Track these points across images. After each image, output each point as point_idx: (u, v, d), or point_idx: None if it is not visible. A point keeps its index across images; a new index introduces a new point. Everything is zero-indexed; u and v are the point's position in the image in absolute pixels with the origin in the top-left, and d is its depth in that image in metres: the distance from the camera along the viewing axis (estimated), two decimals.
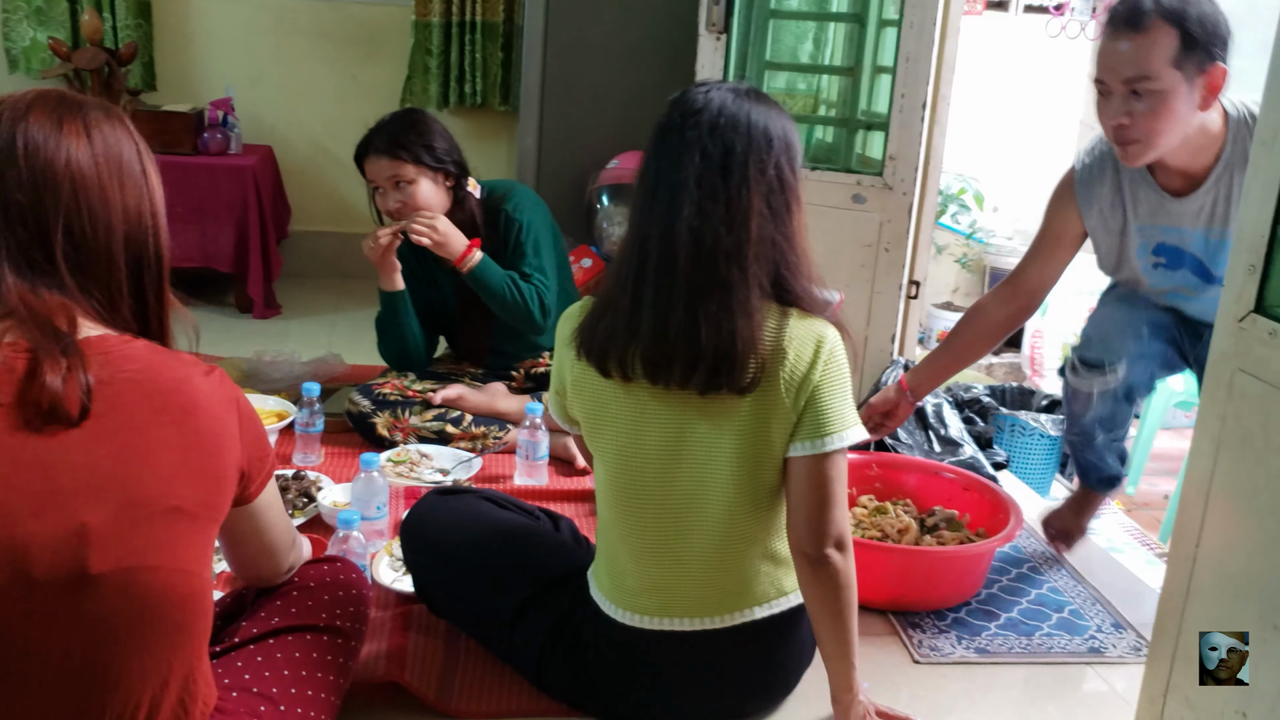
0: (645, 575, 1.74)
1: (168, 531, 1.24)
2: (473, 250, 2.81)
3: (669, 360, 1.61)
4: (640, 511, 1.73)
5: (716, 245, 1.59)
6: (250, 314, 4.23)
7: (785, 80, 3.49)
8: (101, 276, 1.27)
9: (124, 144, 1.29)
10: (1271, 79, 1.53)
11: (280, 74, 4.73)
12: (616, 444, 1.72)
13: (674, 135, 1.63)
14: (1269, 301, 1.55)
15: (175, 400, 1.26)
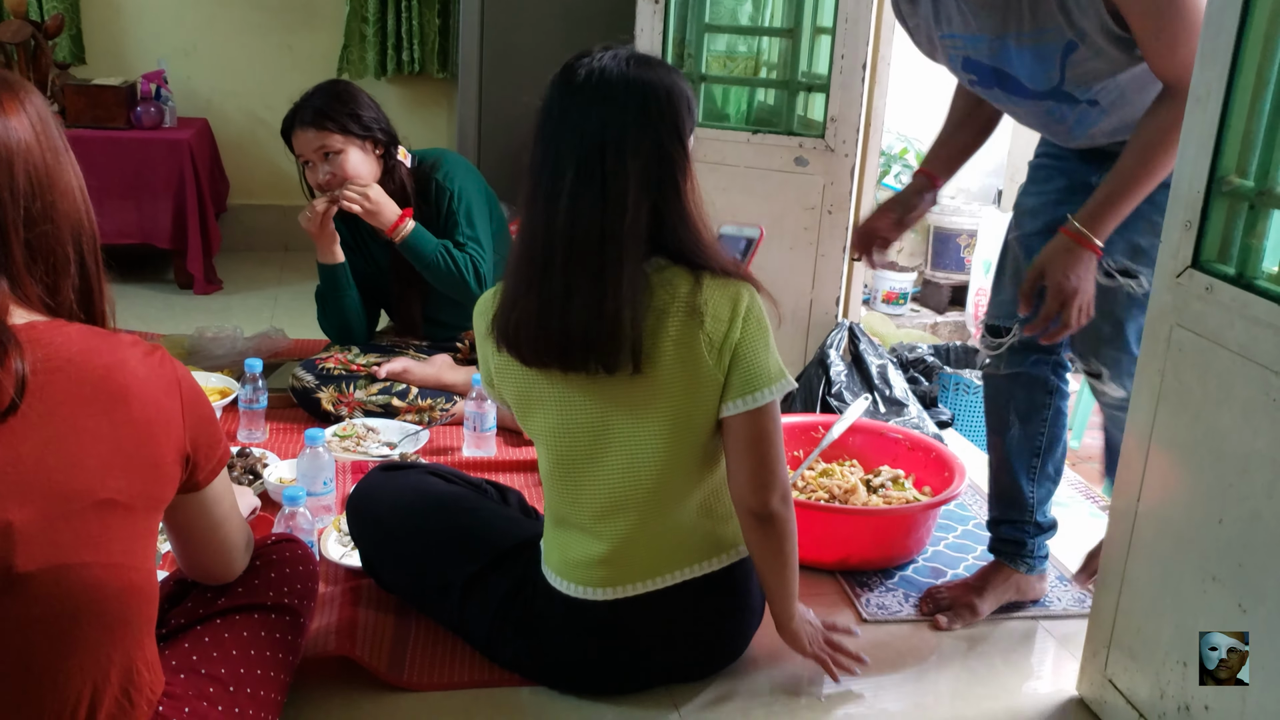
0: (589, 548, 1.75)
1: (100, 526, 1.20)
2: (405, 220, 2.78)
3: (559, 348, 1.63)
4: (578, 488, 1.74)
5: (590, 231, 1.59)
6: (191, 290, 4.16)
7: (725, 42, 3.47)
8: (49, 256, 1.23)
9: (50, 121, 1.25)
10: (1206, 35, 1.55)
11: (214, 45, 4.63)
12: (547, 425, 1.73)
13: (554, 117, 1.61)
14: (1205, 257, 1.58)
15: (106, 388, 1.21)
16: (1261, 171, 1.49)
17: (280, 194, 4.67)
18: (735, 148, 3.12)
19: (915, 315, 4.65)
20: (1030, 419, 2.11)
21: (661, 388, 1.66)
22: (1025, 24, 1.75)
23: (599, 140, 1.58)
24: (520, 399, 1.75)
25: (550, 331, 1.62)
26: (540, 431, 1.75)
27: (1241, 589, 1.49)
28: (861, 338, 3.10)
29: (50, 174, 1.22)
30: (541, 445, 1.77)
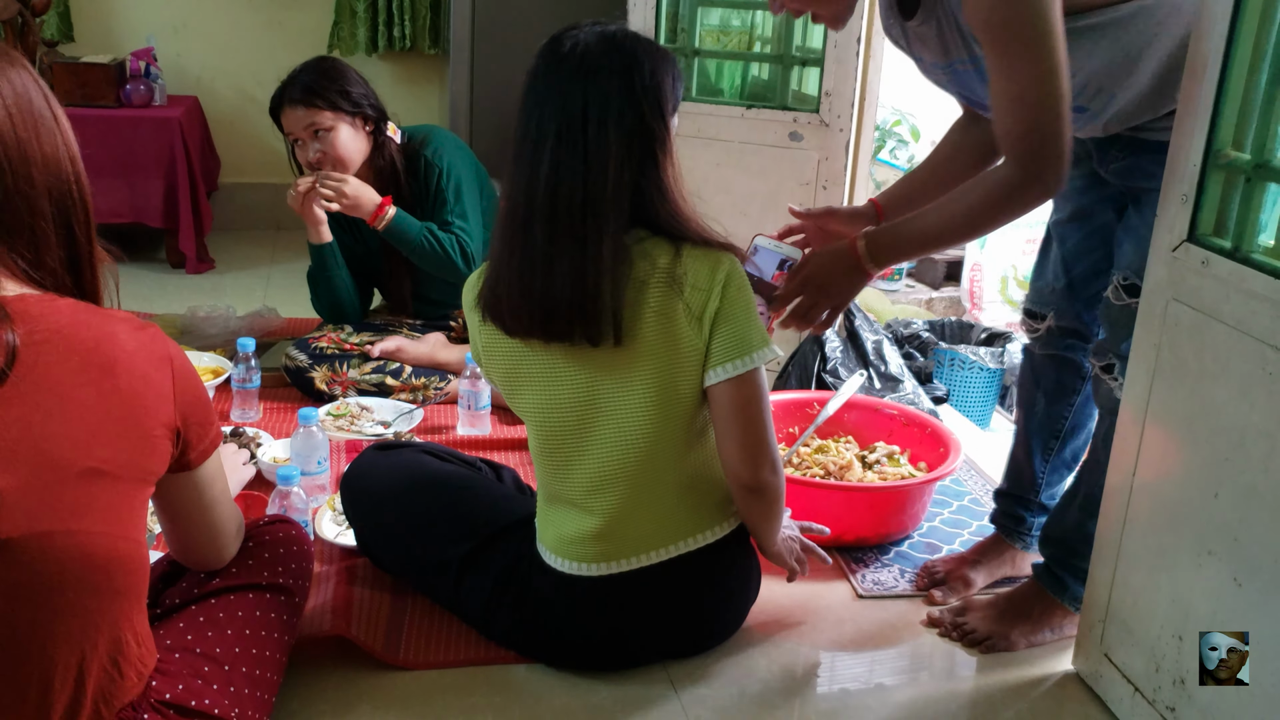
0: (582, 524, 1.75)
1: (86, 494, 1.21)
2: (385, 208, 2.76)
3: (541, 317, 1.63)
4: (568, 464, 1.74)
5: (572, 198, 1.59)
6: (183, 269, 4.14)
7: (719, 17, 3.44)
8: (25, 229, 1.22)
9: (32, 91, 1.24)
10: (1202, 7, 1.53)
11: (204, 22, 4.59)
12: (534, 402, 1.73)
13: (539, 86, 1.63)
14: (1201, 231, 1.57)
15: (95, 359, 1.21)
16: (1258, 145, 1.48)
17: (272, 172, 4.64)
18: (729, 123, 3.10)
19: (910, 291, 4.64)
20: (1057, 400, 2.10)
21: (645, 358, 1.66)
22: (957, 51, 1.73)
23: (581, 110, 1.58)
24: (507, 375, 1.75)
25: (532, 299, 1.62)
26: (528, 408, 1.75)
27: (1237, 563, 1.49)
28: (857, 314, 3.09)
29: (24, 146, 1.20)
30: (530, 422, 1.77)
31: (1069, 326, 2.05)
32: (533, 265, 1.62)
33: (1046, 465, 2.13)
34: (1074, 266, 2.01)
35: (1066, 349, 2.07)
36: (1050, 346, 2.09)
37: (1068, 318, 2.05)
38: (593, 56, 1.60)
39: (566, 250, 1.60)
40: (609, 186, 1.59)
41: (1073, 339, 2.05)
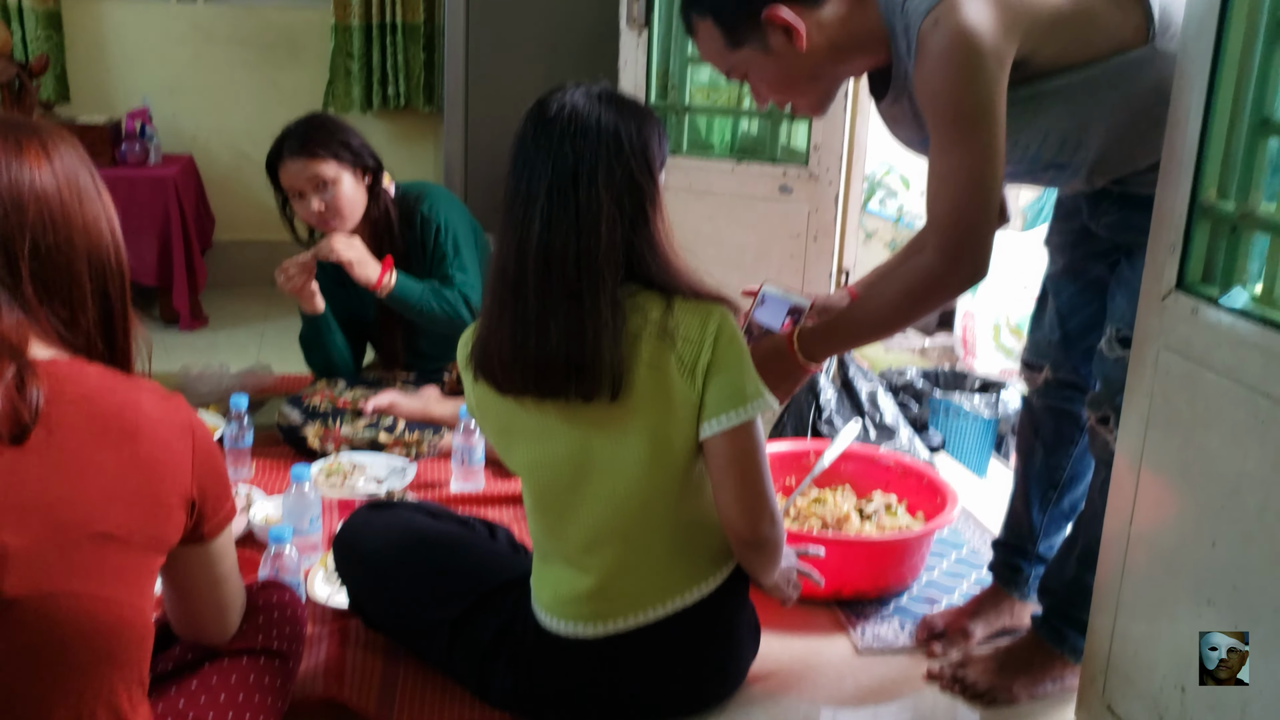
0: (576, 583, 1.73)
1: (95, 557, 1.21)
2: (387, 274, 2.76)
3: (535, 374, 1.63)
4: (562, 521, 1.74)
5: (565, 254, 1.60)
6: (177, 326, 4.15)
7: (709, 74, 3.48)
8: (65, 291, 1.27)
9: (80, 165, 1.31)
10: (1182, 60, 1.55)
11: (199, 82, 4.64)
12: (528, 458, 1.73)
13: (528, 148, 1.64)
14: (1189, 279, 1.57)
15: (117, 423, 1.23)
16: (1242, 194, 1.49)
17: (266, 229, 4.65)
18: (720, 177, 3.13)
19: (903, 339, 4.64)
20: (1055, 450, 2.10)
21: (638, 413, 1.65)
22: (926, 130, 1.74)
23: (572, 169, 1.60)
24: (501, 432, 1.75)
25: (526, 357, 1.62)
26: (522, 465, 1.75)
27: (1237, 612, 1.48)
28: (851, 363, 3.09)
29: (68, 212, 1.27)
30: (525, 479, 1.77)
31: (1066, 379, 2.05)
32: (526, 324, 1.62)
33: (1044, 516, 2.13)
34: (1069, 320, 2.02)
35: (1064, 400, 2.07)
36: (1048, 398, 2.10)
37: (1064, 370, 2.05)
38: (580, 117, 1.62)
39: (561, 308, 1.60)
40: (602, 243, 1.60)
41: (1070, 390, 2.06)
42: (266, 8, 4.67)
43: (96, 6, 4.50)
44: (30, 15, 4.31)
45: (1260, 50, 1.45)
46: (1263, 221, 1.47)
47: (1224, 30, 1.47)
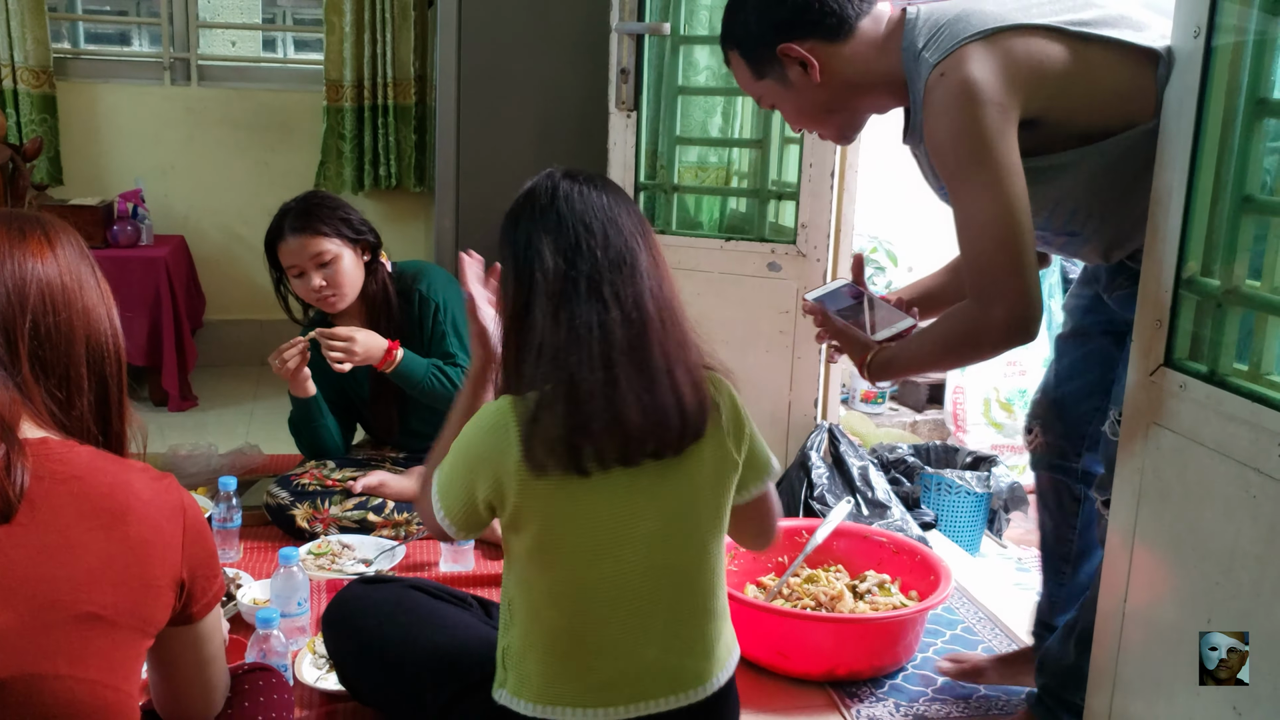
0: (617, 664, 1.62)
1: (80, 639, 1.19)
2: (394, 352, 2.76)
3: (663, 432, 1.56)
4: (615, 602, 1.61)
5: (661, 312, 1.60)
6: (166, 407, 4.14)
7: (697, 154, 3.53)
8: (62, 373, 1.29)
9: (80, 255, 1.36)
10: (1163, 138, 1.58)
11: (191, 164, 4.68)
12: (593, 542, 1.59)
13: (554, 216, 1.60)
14: (1177, 355, 1.58)
15: (107, 504, 1.23)
16: (1226, 270, 1.51)
17: (257, 309, 4.68)
18: (709, 254, 3.15)
19: (894, 414, 4.65)
20: (1060, 522, 2.12)
21: (701, 478, 1.62)
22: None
23: (603, 241, 1.58)
24: (551, 523, 1.58)
25: (659, 416, 1.55)
26: (578, 551, 1.60)
27: (1235, 691, 1.46)
28: (842, 439, 3.09)
29: (69, 297, 1.30)
30: (568, 568, 1.60)
31: (1054, 443, 2.05)
32: (625, 392, 1.54)
33: (1062, 589, 2.14)
34: (1065, 384, 2.03)
35: (1055, 468, 2.07)
36: (1042, 464, 2.11)
37: (1053, 434, 2.05)
38: (589, 194, 1.62)
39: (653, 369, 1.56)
40: (662, 305, 1.60)
41: (1059, 459, 2.05)
42: (259, 90, 4.73)
43: (91, 90, 4.55)
44: (25, 99, 4.35)
45: (1240, 128, 1.47)
46: (1247, 297, 1.49)
47: (1204, 108, 1.50)
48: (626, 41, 3.16)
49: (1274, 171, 1.48)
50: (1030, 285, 1.64)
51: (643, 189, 3.27)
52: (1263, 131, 1.46)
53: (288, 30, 5.01)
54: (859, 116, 1.89)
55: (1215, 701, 1.49)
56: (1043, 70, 1.66)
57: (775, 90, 1.85)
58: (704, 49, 3.40)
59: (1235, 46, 1.47)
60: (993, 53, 1.64)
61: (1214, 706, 1.50)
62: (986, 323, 1.66)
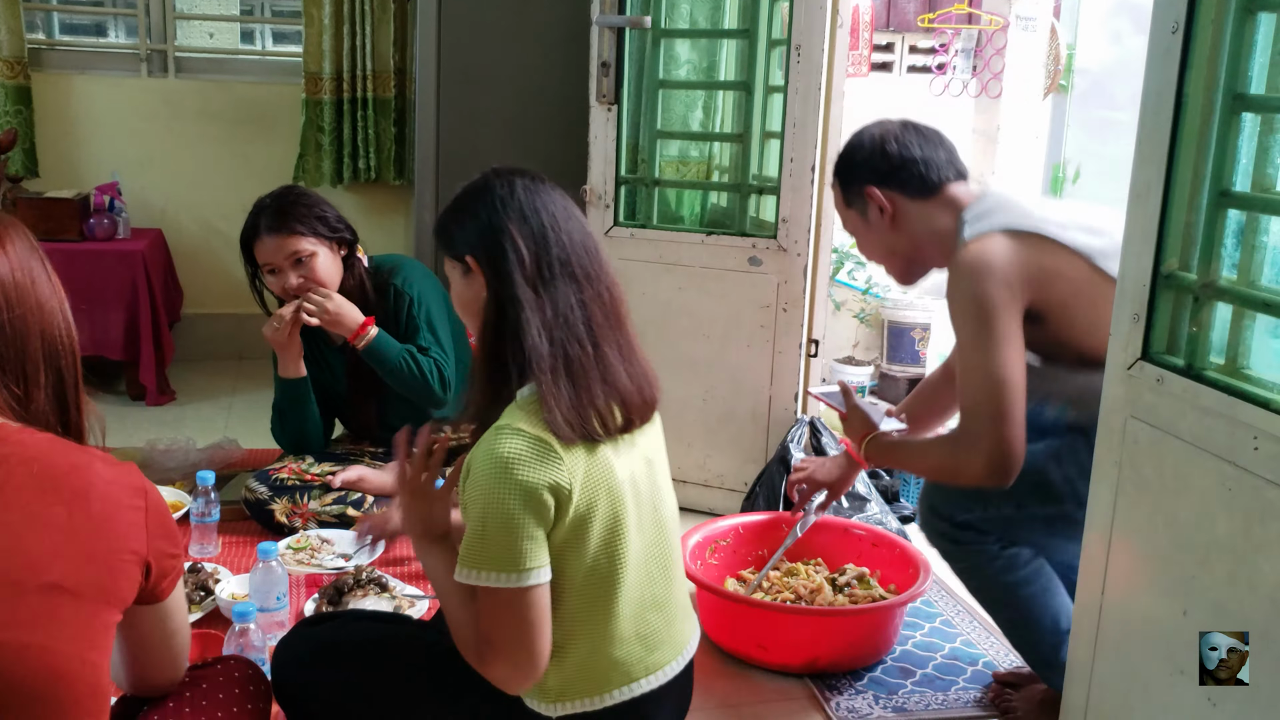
0: (647, 623, 1.67)
1: (45, 609, 1.20)
2: (368, 327, 2.76)
3: (646, 398, 1.68)
4: (648, 567, 1.68)
5: (610, 300, 1.69)
6: (143, 401, 4.11)
7: (678, 148, 3.52)
8: (19, 369, 1.30)
9: (31, 252, 1.36)
10: (1141, 133, 1.58)
11: (169, 156, 4.65)
12: (649, 518, 1.67)
13: (517, 206, 1.68)
14: (1154, 349, 1.59)
15: (68, 483, 1.25)
16: (1203, 264, 1.52)
17: (235, 303, 4.65)
18: (690, 249, 3.15)
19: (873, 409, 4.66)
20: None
21: (659, 443, 1.75)
22: None
23: (576, 240, 1.67)
24: (613, 508, 1.62)
25: (623, 393, 1.64)
26: (628, 526, 1.63)
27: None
28: (823, 432, 3.10)
29: (22, 293, 1.31)
30: (623, 546, 1.63)
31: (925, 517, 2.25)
32: (613, 363, 1.65)
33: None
34: None
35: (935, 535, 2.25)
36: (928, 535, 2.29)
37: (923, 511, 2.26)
38: (540, 187, 1.73)
39: (628, 343, 1.69)
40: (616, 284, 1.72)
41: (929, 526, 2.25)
42: (237, 82, 4.70)
43: (66, 81, 4.51)
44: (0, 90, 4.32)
45: (1218, 123, 1.48)
46: (1224, 291, 1.50)
47: (1182, 104, 1.51)
48: (607, 35, 3.16)
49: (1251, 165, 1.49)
50: (1012, 439, 1.89)
51: (624, 183, 3.27)
52: (1239, 126, 1.47)
53: (266, 22, 4.98)
54: (918, 265, 2.19)
55: (1189, 692, 1.50)
56: (1056, 277, 1.96)
57: (855, 220, 2.19)
58: (684, 43, 3.40)
59: (1213, 42, 1.48)
60: (1016, 245, 1.96)
61: (1188, 697, 1.51)
62: (968, 465, 1.92)
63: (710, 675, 2.21)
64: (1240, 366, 1.48)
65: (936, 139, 2.15)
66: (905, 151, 2.11)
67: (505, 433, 1.55)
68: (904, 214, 2.12)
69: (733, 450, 3.18)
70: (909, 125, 2.17)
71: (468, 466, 1.58)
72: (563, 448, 1.55)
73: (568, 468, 1.55)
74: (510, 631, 1.56)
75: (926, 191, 2.11)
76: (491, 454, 1.54)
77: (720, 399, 3.13)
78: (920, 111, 4.66)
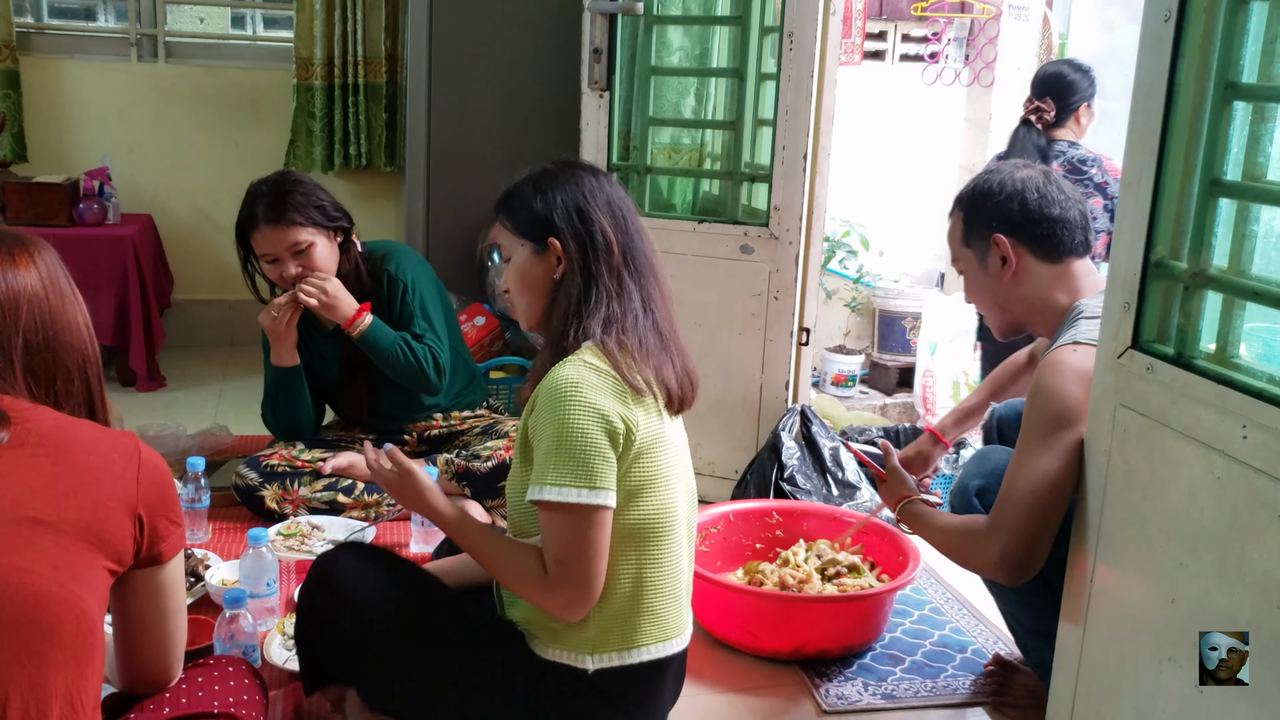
0: (682, 582, 1.80)
1: (23, 537, 1.25)
2: (363, 314, 2.75)
3: (688, 393, 1.81)
4: (689, 527, 1.83)
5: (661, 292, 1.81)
6: (133, 387, 4.10)
7: (670, 135, 3.51)
8: (50, 377, 1.40)
9: (58, 268, 1.45)
10: (1133, 122, 1.58)
11: (159, 141, 4.63)
12: (686, 485, 1.81)
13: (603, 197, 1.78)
14: (1145, 337, 1.59)
15: (54, 439, 1.32)
16: (1194, 253, 1.52)
17: (225, 289, 4.64)
18: (682, 237, 3.15)
19: (864, 397, 4.67)
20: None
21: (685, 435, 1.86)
22: None
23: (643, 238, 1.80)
24: (666, 459, 1.75)
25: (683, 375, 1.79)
26: (675, 480, 1.77)
27: (1198, 670, 1.47)
28: (814, 420, 3.10)
29: (54, 314, 1.41)
30: (673, 497, 1.76)
31: None
32: (672, 357, 1.77)
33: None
34: None
35: None
36: None
37: None
38: (612, 184, 1.83)
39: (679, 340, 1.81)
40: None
41: None
42: (228, 68, 4.68)
43: (56, 65, 4.49)
44: None
45: (1209, 112, 1.48)
46: (1215, 280, 1.50)
47: (1174, 92, 1.51)
48: (599, 21, 3.15)
49: (1242, 154, 1.49)
50: (1034, 544, 1.81)
51: (615, 170, 3.26)
52: (1231, 115, 1.47)
53: (257, 7, 4.95)
54: (1020, 324, 2.10)
55: (1178, 680, 1.51)
56: None
57: (971, 262, 2.08)
58: (677, 29, 3.39)
59: (1205, 30, 1.48)
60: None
61: (1176, 685, 1.51)
62: (984, 553, 1.86)
63: (700, 661, 2.22)
64: (1230, 355, 1.48)
65: (1076, 200, 2.04)
66: (1046, 208, 2.00)
67: (575, 363, 1.67)
68: (1026, 272, 2.02)
69: (724, 438, 3.18)
70: (1051, 178, 2.05)
71: (534, 397, 1.70)
72: (628, 388, 1.67)
73: (632, 404, 1.67)
74: (579, 550, 1.64)
75: (1055, 256, 2.01)
76: (565, 378, 1.65)
77: (712, 387, 3.13)
78: (913, 99, 4.68)
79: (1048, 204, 1.99)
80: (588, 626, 1.71)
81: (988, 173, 2.08)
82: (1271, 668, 1.34)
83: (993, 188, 2.03)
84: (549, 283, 1.77)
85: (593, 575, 1.65)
